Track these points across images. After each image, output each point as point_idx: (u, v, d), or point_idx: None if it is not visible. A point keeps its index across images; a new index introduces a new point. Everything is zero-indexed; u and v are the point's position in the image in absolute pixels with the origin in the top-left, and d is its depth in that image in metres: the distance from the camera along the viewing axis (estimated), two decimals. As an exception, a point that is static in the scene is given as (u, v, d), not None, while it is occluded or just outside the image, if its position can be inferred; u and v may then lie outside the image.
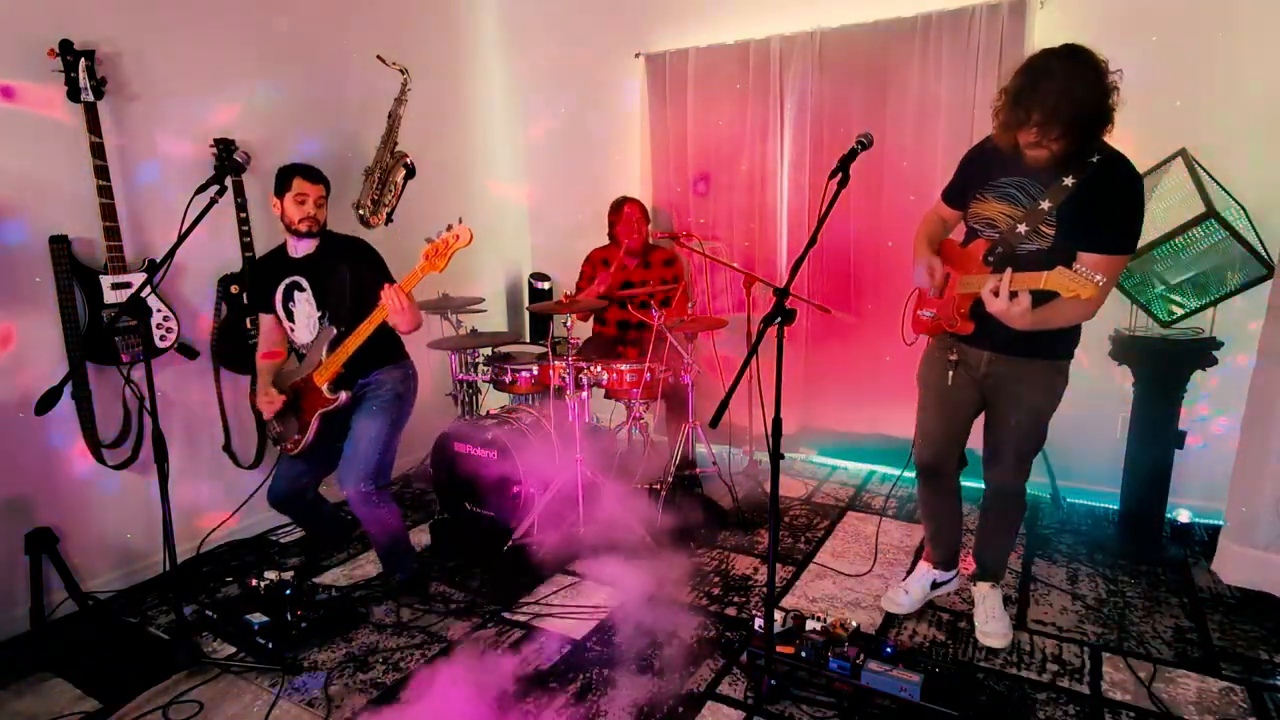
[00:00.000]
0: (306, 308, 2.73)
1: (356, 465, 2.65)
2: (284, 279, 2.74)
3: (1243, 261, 2.67)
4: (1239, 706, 2.14)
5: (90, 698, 2.28)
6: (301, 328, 2.76)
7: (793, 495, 3.72)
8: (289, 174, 2.66)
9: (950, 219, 2.43)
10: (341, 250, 2.75)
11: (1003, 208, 2.17)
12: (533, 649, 2.48)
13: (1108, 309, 3.18)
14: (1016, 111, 1.97)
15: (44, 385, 2.22)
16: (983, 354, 2.30)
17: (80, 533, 2.80)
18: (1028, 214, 2.12)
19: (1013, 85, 1.99)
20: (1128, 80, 3.16)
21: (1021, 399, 2.28)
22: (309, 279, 2.71)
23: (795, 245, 3.95)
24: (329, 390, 2.66)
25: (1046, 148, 1.98)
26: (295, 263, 2.74)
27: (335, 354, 2.62)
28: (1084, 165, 2.04)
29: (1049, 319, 2.06)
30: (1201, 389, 3.10)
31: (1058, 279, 1.91)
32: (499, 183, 4.66)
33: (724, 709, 2.17)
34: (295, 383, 2.74)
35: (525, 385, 3.52)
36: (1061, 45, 1.99)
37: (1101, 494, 3.42)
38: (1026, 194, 2.13)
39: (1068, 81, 1.91)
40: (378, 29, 3.76)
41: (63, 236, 2.62)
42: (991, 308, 2.03)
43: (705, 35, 3.99)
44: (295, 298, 2.74)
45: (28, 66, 2.57)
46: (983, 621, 2.49)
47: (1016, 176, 2.15)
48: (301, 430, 2.74)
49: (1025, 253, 2.13)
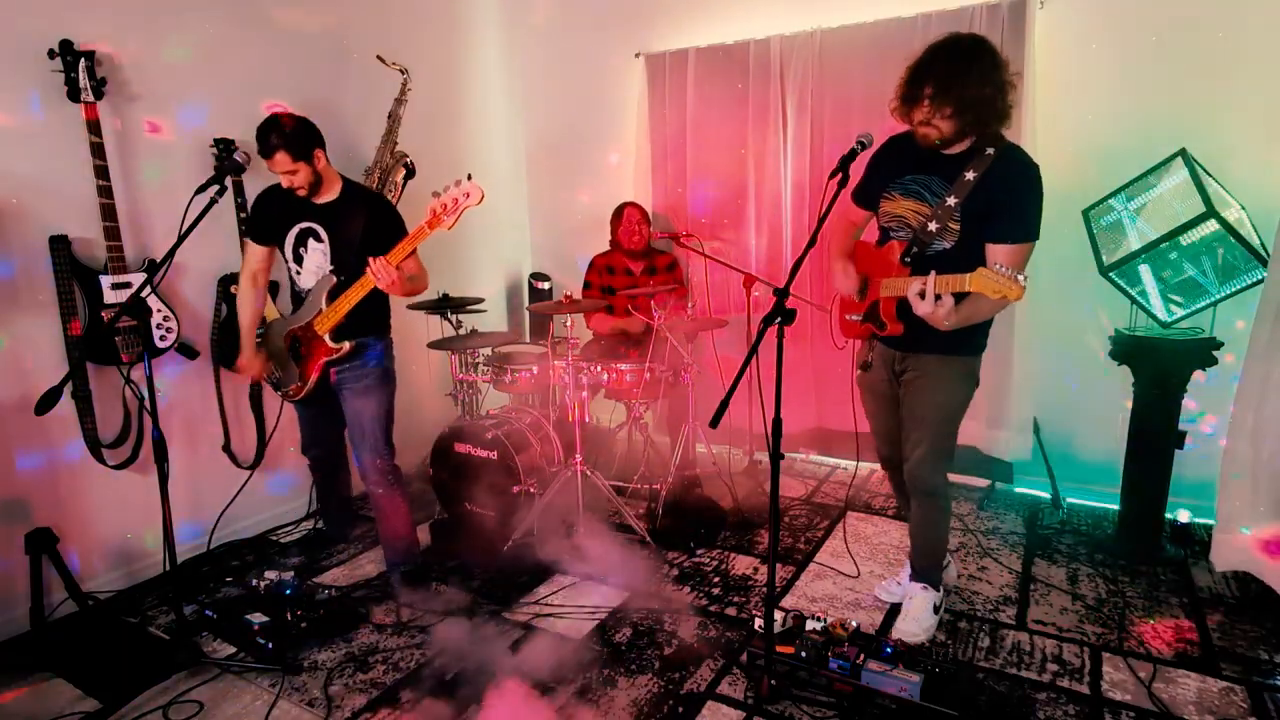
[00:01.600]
0: (319, 258, 2.64)
1: (368, 442, 2.72)
2: (300, 222, 2.64)
3: (1242, 262, 2.66)
4: (1239, 706, 2.14)
5: (90, 698, 2.28)
6: (308, 274, 2.68)
7: (793, 495, 3.72)
8: None
9: (859, 220, 2.49)
10: (365, 206, 2.65)
11: (911, 204, 2.24)
12: (533, 649, 2.48)
13: (1108, 309, 3.21)
14: (911, 87, 2.08)
15: (44, 385, 2.22)
16: (895, 353, 2.38)
17: (80, 533, 2.80)
18: (936, 211, 2.18)
19: (912, 62, 2.09)
20: (1128, 80, 3.18)
21: (935, 395, 2.32)
22: (328, 230, 2.62)
23: (795, 245, 3.95)
24: (332, 340, 2.63)
25: (936, 127, 2.07)
26: (314, 208, 2.63)
27: (336, 304, 2.58)
28: (984, 159, 2.12)
29: (972, 315, 2.12)
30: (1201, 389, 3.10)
31: (982, 281, 1.94)
32: (499, 183, 4.66)
33: (724, 709, 2.17)
34: (294, 330, 2.70)
35: (525, 385, 3.52)
36: (967, 34, 2.09)
37: (1101, 494, 3.42)
38: (932, 191, 2.20)
39: (964, 63, 2.01)
40: (378, 29, 3.76)
41: (63, 236, 2.62)
42: (919, 310, 2.07)
43: (705, 35, 3.99)
44: (309, 245, 2.65)
45: (28, 66, 2.57)
46: (901, 618, 2.53)
47: (922, 174, 2.22)
48: (302, 379, 2.72)
49: (937, 251, 2.19)
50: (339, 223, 2.61)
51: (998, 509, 3.48)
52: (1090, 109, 3.25)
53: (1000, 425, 3.54)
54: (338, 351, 2.63)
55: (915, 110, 2.09)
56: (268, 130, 2.48)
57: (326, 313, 2.60)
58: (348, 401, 2.72)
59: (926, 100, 2.05)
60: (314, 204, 2.63)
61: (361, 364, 2.71)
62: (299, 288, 2.72)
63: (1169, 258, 2.75)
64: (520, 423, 3.40)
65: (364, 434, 2.72)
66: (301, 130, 2.51)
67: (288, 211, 2.65)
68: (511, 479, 3.18)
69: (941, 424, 2.35)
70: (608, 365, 3.38)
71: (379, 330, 2.77)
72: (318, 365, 2.68)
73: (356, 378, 2.71)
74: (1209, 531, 3.12)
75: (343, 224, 2.61)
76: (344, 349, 2.63)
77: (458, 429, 3.37)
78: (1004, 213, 2.11)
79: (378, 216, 2.64)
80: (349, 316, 2.60)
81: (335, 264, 2.61)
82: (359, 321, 2.65)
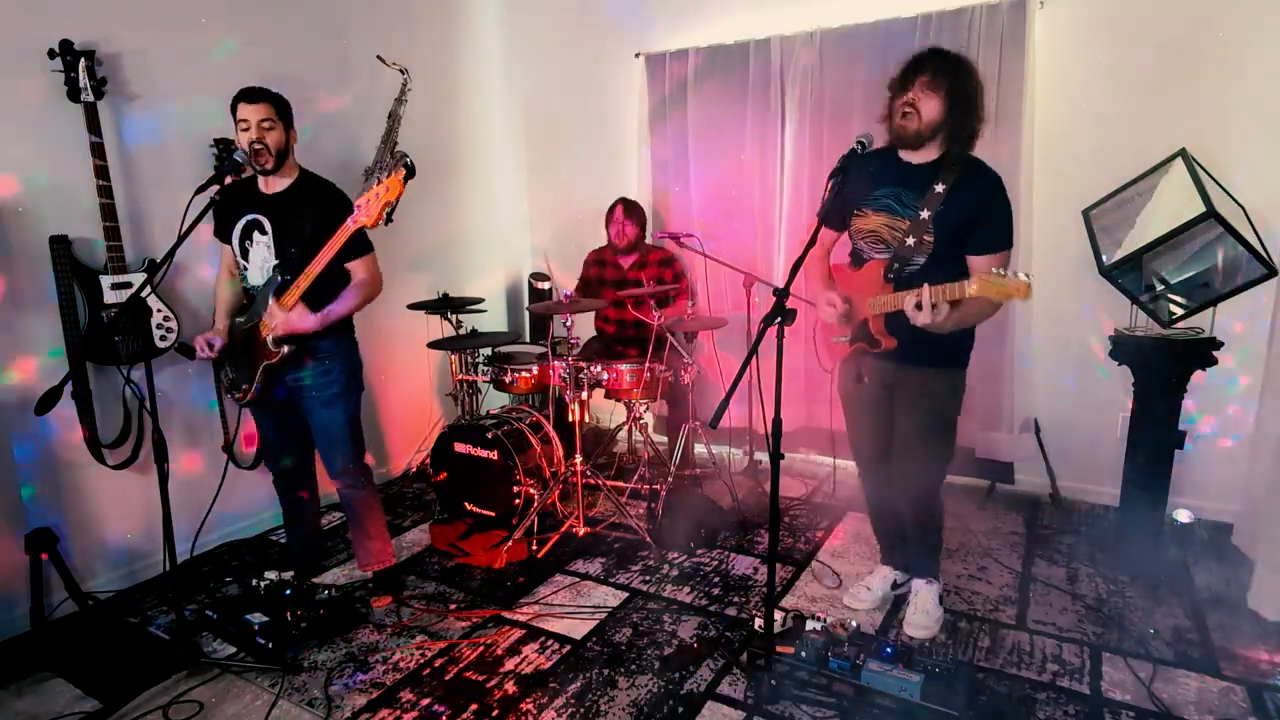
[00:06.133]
0: (264, 252, 2.49)
1: (336, 452, 2.65)
2: (246, 214, 2.50)
3: (1242, 262, 2.66)
4: (1239, 706, 2.14)
5: (90, 698, 2.28)
6: (255, 269, 2.52)
7: (793, 495, 3.72)
8: (233, 105, 2.43)
9: (829, 244, 2.52)
10: (313, 197, 2.49)
11: (883, 219, 2.28)
12: (533, 649, 2.48)
13: (1108, 309, 3.21)
14: (907, 73, 2.15)
15: (44, 385, 2.22)
16: (888, 365, 2.38)
17: (80, 533, 2.80)
18: (912, 225, 2.22)
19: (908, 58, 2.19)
20: (1128, 80, 3.19)
21: (935, 403, 2.37)
22: (272, 222, 2.47)
23: (795, 245, 3.94)
24: (272, 344, 2.46)
25: (918, 111, 2.12)
26: (262, 199, 2.50)
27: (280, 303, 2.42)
28: (951, 170, 2.19)
29: (965, 318, 2.16)
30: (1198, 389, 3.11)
31: (985, 285, 1.95)
32: (499, 182, 4.66)
33: (724, 709, 2.17)
34: (246, 329, 2.56)
35: (525, 385, 3.53)
36: None
37: (1101, 494, 3.42)
38: (902, 203, 2.25)
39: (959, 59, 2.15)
40: (378, 29, 3.76)
41: (63, 236, 2.62)
42: (918, 320, 2.09)
43: (705, 35, 3.99)
44: (254, 238, 2.49)
45: (28, 66, 2.57)
46: (910, 614, 2.55)
47: (891, 187, 2.26)
48: (248, 381, 2.58)
49: (918, 266, 2.24)
50: (284, 214, 2.47)
51: (998, 509, 3.48)
52: (1090, 109, 3.25)
53: (1000, 425, 3.54)
54: (276, 355, 2.46)
55: (905, 93, 2.15)
56: (256, 88, 2.43)
57: (271, 311, 2.44)
58: (314, 410, 2.59)
59: (921, 81, 2.11)
60: (263, 195, 2.50)
61: (325, 371, 2.56)
62: (248, 285, 2.58)
63: (1168, 257, 2.75)
64: (520, 423, 3.41)
65: (334, 441, 2.63)
66: (287, 102, 2.50)
67: (237, 203, 2.54)
68: (511, 479, 3.18)
69: (942, 431, 2.39)
70: (608, 365, 3.38)
71: (338, 334, 2.59)
72: (259, 370, 2.52)
73: (322, 385, 2.56)
74: (1209, 531, 3.13)
75: (288, 215, 2.46)
76: (282, 353, 2.45)
77: (458, 429, 3.37)
78: (979, 224, 2.18)
79: (325, 209, 2.46)
80: None
81: (279, 259, 2.46)
82: None
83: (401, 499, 3.79)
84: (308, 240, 2.40)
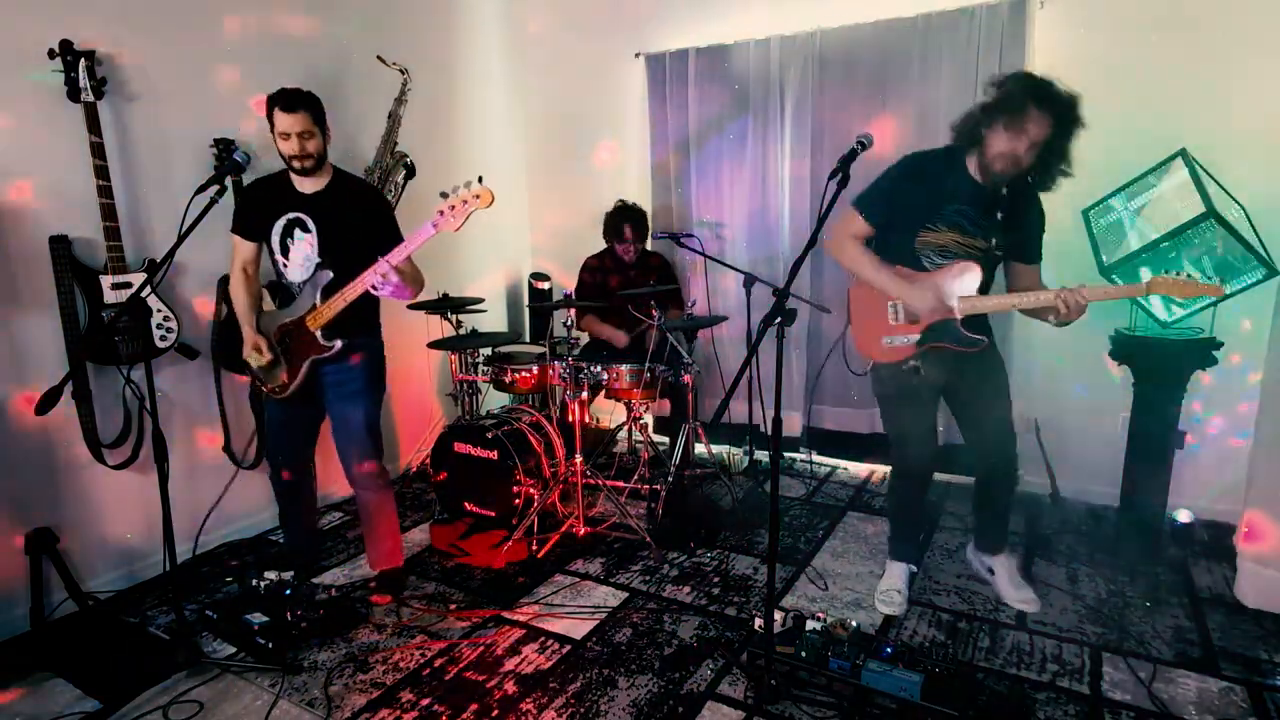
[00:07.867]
0: (307, 250, 2.55)
1: (356, 448, 2.66)
2: (286, 213, 2.55)
3: (1242, 262, 2.66)
4: (1239, 706, 2.14)
5: (90, 698, 2.28)
6: (295, 266, 2.58)
7: (793, 495, 3.72)
8: (269, 108, 2.44)
9: (862, 236, 2.48)
10: (355, 197, 2.58)
11: (955, 235, 2.37)
12: (532, 649, 2.48)
13: (1108, 309, 3.20)
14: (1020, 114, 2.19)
15: (44, 385, 2.22)
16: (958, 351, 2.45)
17: (80, 533, 2.80)
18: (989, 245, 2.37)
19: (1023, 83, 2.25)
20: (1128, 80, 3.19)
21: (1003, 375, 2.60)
22: (316, 220, 2.53)
23: (795, 245, 3.95)
24: (324, 337, 2.53)
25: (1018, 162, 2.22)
26: (302, 198, 2.55)
27: (331, 301, 2.49)
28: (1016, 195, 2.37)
29: None
30: (1199, 389, 3.10)
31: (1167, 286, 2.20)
32: (499, 182, 4.65)
33: (724, 709, 2.17)
34: (285, 324, 2.60)
35: (525, 385, 3.53)
36: None
37: (1101, 494, 3.42)
38: (971, 221, 2.35)
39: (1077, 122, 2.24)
40: (377, 29, 3.76)
41: (63, 236, 2.62)
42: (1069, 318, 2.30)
43: (705, 35, 3.99)
44: (295, 236, 2.55)
45: (28, 66, 2.57)
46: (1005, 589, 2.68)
47: (958, 205, 2.35)
48: (291, 376, 2.61)
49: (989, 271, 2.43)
50: (328, 213, 2.53)
51: (998, 509, 3.48)
52: (1089, 109, 3.22)
53: (1000, 425, 3.54)
54: (328, 350, 2.53)
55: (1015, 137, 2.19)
56: (294, 91, 2.44)
57: (321, 309, 2.51)
58: (336, 405, 2.64)
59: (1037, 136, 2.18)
60: (302, 194, 2.55)
61: (352, 366, 2.62)
62: (286, 280, 2.62)
63: (1169, 257, 2.75)
64: (520, 423, 3.41)
65: (353, 438, 2.65)
66: (321, 104, 2.51)
67: (275, 202, 2.57)
68: (511, 479, 3.18)
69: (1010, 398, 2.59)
70: (608, 365, 3.38)
71: (370, 330, 2.69)
72: (306, 363, 2.58)
73: (347, 380, 2.62)
74: (1209, 532, 3.13)
75: (331, 214, 2.53)
76: (335, 347, 2.53)
77: (458, 429, 3.38)
78: (1030, 239, 2.45)
79: (369, 208, 2.58)
80: (341, 315, 2.52)
81: (323, 256, 2.53)
82: (351, 321, 2.55)
83: (402, 499, 3.78)
84: (361, 240, 2.50)
